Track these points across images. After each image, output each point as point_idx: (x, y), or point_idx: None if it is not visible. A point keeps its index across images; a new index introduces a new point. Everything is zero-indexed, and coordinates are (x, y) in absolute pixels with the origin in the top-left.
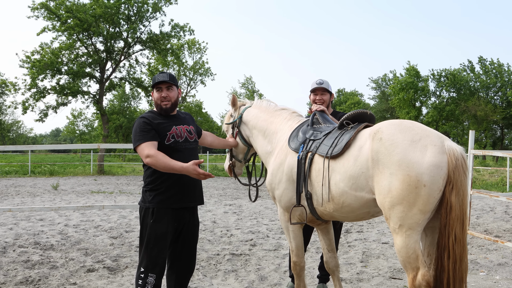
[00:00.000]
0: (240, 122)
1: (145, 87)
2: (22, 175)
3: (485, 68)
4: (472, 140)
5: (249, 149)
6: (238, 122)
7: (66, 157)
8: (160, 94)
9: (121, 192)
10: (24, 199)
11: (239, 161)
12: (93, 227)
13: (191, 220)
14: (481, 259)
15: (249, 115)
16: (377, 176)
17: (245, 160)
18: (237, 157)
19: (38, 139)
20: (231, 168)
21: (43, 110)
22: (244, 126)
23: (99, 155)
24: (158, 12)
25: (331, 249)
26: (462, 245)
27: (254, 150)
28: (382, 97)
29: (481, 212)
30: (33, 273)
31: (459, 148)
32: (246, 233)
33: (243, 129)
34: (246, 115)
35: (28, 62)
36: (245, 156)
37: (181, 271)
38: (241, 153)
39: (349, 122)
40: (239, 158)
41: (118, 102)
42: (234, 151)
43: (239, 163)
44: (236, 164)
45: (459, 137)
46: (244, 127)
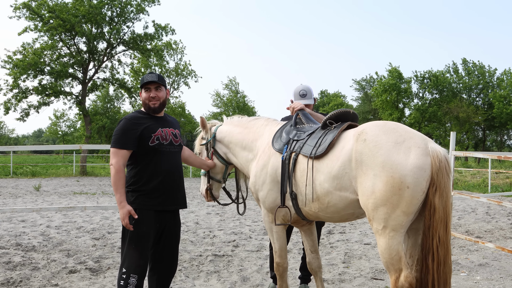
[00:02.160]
0: (215, 141)
1: (128, 88)
2: (4, 176)
3: (468, 70)
4: (453, 141)
5: (227, 167)
6: (212, 142)
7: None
8: (149, 94)
9: (103, 193)
10: (5, 200)
11: (217, 181)
12: (75, 228)
13: (173, 222)
14: (462, 260)
15: (223, 132)
16: (360, 177)
17: (223, 179)
18: (216, 178)
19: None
20: (208, 192)
21: (24, 110)
22: (219, 144)
23: (81, 156)
24: (141, 13)
25: (314, 250)
26: (445, 247)
27: (231, 169)
28: (365, 99)
29: (462, 213)
30: (15, 275)
31: (443, 151)
32: (228, 234)
33: (218, 148)
34: (220, 133)
35: (10, 63)
36: (224, 175)
37: (163, 272)
38: (219, 173)
39: (332, 122)
40: (217, 178)
41: (101, 103)
42: (212, 172)
43: (216, 185)
44: (214, 186)
45: (442, 138)
46: (220, 145)
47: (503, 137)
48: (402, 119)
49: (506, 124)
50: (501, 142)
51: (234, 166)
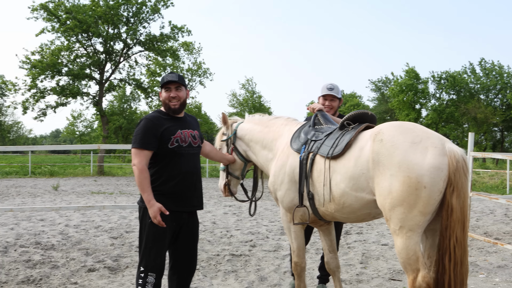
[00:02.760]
0: (235, 138)
1: (145, 89)
2: (23, 176)
3: (486, 70)
4: (471, 142)
5: (246, 164)
6: (233, 138)
7: (66, 158)
8: (169, 94)
9: (121, 192)
10: (24, 199)
11: (236, 177)
12: (94, 227)
13: (190, 220)
14: (481, 262)
15: (244, 130)
16: (377, 177)
17: (242, 176)
18: (234, 174)
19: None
20: (226, 187)
21: (42, 109)
22: (239, 142)
23: (99, 156)
24: (156, 14)
25: (332, 250)
26: (463, 247)
27: (250, 166)
28: (381, 99)
29: (481, 214)
30: (35, 273)
31: (460, 150)
32: (246, 234)
33: (238, 145)
34: (241, 130)
35: (28, 63)
36: (242, 172)
37: (183, 271)
38: (238, 170)
39: (350, 123)
40: (236, 175)
41: (118, 103)
42: (231, 168)
43: (235, 181)
44: (232, 182)
45: (459, 139)
46: (240, 142)
47: None
48: (419, 120)
49: None
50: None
51: (253, 164)
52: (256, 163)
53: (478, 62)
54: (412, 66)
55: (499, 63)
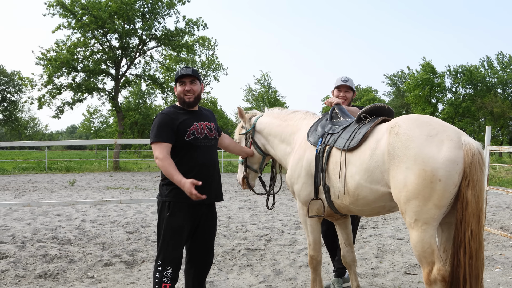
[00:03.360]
0: (254, 132)
1: (160, 84)
2: (39, 172)
3: (503, 63)
4: (488, 136)
5: (264, 158)
6: (252, 132)
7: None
8: (184, 88)
9: (136, 188)
10: (41, 195)
11: (254, 171)
12: (110, 222)
13: (209, 215)
14: (497, 256)
15: (263, 123)
16: (393, 170)
17: (260, 169)
18: (252, 167)
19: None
20: (244, 180)
21: (59, 107)
22: (258, 135)
23: (114, 152)
24: (172, 9)
25: (349, 244)
26: (478, 241)
27: (268, 160)
28: (397, 94)
29: (497, 209)
30: (52, 267)
31: (476, 144)
32: (261, 229)
33: (257, 138)
34: (259, 124)
35: (44, 60)
36: (261, 165)
37: (199, 265)
38: (256, 163)
39: (367, 116)
40: (254, 168)
41: (133, 98)
42: (249, 161)
43: (253, 174)
44: (250, 175)
45: (475, 134)
46: (259, 135)
47: None
48: (435, 114)
49: None
50: None
51: (271, 157)
52: (275, 157)
53: (495, 56)
54: (429, 60)
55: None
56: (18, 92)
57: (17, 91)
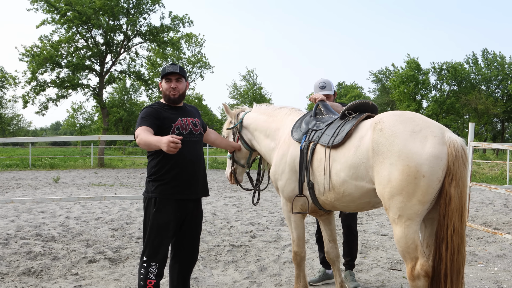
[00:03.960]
0: (241, 127)
1: (145, 80)
2: (23, 168)
3: (488, 61)
4: (471, 132)
5: (251, 153)
6: (239, 127)
7: (66, 151)
8: (170, 85)
9: (121, 184)
10: (25, 192)
11: (241, 166)
12: (94, 219)
13: (195, 211)
14: (480, 251)
15: (250, 119)
16: (377, 166)
17: (247, 165)
18: (239, 162)
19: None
20: (232, 175)
21: (43, 103)
22: (245, 130)
23: (99, 148)
24: (157, 5)
25: (333, 240)
26: (460, 236)
27: (255, 155)
28: (382, 90)
29: (480, 204)
30: (35, 264)
31: (460, 140)
32: (246, 225)
33: (244, 133)
34: (247, 119)
35: (27, 56)
36: (248, 160)
37: (184, 261)
38: (243, 158)
39: (351, 112)
40: (241, 163)
41: (118, 95)
42: (236, 156)
43: (240, 169)
44: (237, 170)
45: (460, 130)
46: (245, 131)
47: None
48: (419, 111)
49: None
50: None
51: (259, 153)
52: (260, 152)
53: (480, 53)
54: (414, 57)
55: (501, 54)
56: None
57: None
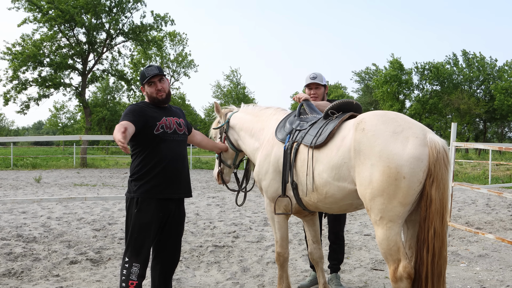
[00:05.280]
0: (228, 127)
1: (128, 80)
2: (4, 168)
3: (468, 61)
4: (454, 132)
5: (237, 154)
6: (225, 127)
7: (48, 150)
8: (155, 87)
9: (104, 185)
10: (6, 192)
11: (228, 166)
12: (76, 219)
13: (177, 212)
14: (462, 251)
15: (236, 119)
16: (358, 166)
17: (234, 165)
18: (226, 162)
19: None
20: (219, 175)
21: (24, 102)
22: (231, 131)
23: (82, 148)
24: (139, 3)
25: (316, 241)
26: (441, 239)
27: (242, 156)
28: (365, 90)
29: (462, 204)
30: (16, 265)
31: (441, 141)
32: (229, 225)
33: (231, 134)
34: (233, 119)
35: (9, 54)
36: (234, 161)
37: (166, 262)
38: (230, 158)
39: (334, 112)
40: (228, 163)
41: (101, 94)
42: (223, 156)
43: (227, 170)
44: (225, 170)
45: (442, 130)
46: (232, 131)
47: (504, 129)
48: (402, 111)
49: (507, 116)
50: (502, 134)
51: (245, 154)
52: (245, 152)
53: (461, 53)
54: (397, 57)
55: (481, 54)
56: None
57: None
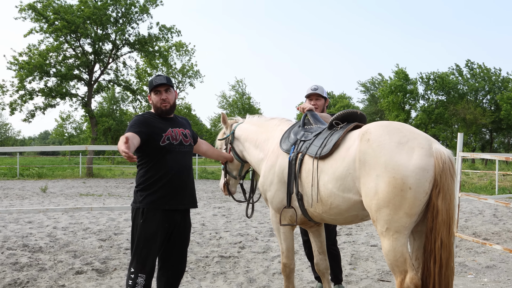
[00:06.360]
0: (233, 138)
1: (133, 90)
2: (11, 178)
3: (473, 71)
4: (460, 142)
5: (243, 165)
6: (231, 138)
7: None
8: (160, 97)
9: (110, 194)
10: (12, 201)
11: (233, 177)
12: (82, 229)
13: (182, 223)
14: (470, 262)
15: (241, 130)
16: (363, 177)
17: (239, 176)
18: (231, 173)
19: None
20: (225, 186)
21: (30, 111)
22: (237, 142)
23: (88, 158)
24: (145, 14)
25: (322, 252)
26: (448, 250)
27: (248, 167)
28: (371, 100)
29: (469, 215)
30: (22, 275)
31: (447, 152)
32: (235, 236)
33: (236, 145)
34: (238, 130)
35: (15, 64)
36: (240, 172)
37: (172, 273)
38: (235, 169)
39: (339, 122)
40: (233, 174)
41: (107, 104)
42: (228, 167)
43: (233, 181)
44: (230, 181)
45: (448, 140)
46: (237, 142)
47: (510, 139)
48: (408, 121)
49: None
50: (509, 144)
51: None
52: (250, 163)
53: (464, 64)
54: (402, 67)
55: (484, 64)
56: None
57: None
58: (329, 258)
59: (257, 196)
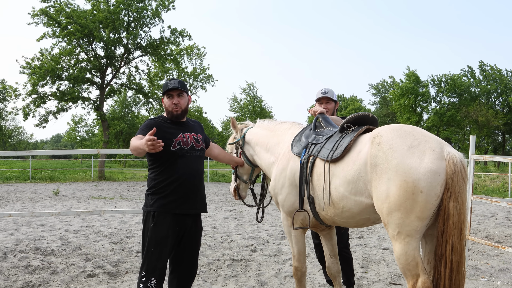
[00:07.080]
0: (244, 142)
1: (145, 93)
2: (23, 181)
3: (485, 73)
4: (473, 145)
5: (253, 169)
6: (241, 142)
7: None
8: (172, 101)
9: (121, 197)
10: (25, 204)
11: (244, 181)
12: (94, 232)
13: (193, 227)
14: (482, 265)
15: (252, 134)
16: (375, 181)
17: (250, 180)
18: (242, 178)
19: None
20: (236, 190)
21: (43, 116)
22: (247, 146)
23: (99, 161)
24: (157, 18)
25: (334, 255)
26: (459, 253)
27: (258, 171)
28: (382, 103)
29: (482, 217)
30: (34, 278)
31: (459, 155)
32: (246, 239)
33: (246, 149)
34: (249, 134)
35: (28, 68)
36: (250, 176)
37: (183, 276)
38: (246, 174)
39: (350, 125)
40: (244, 179)
41: (119, 108)
42: (239, 172)
43: (244, 185)
44: (241, 185)
45: (460, 142)
46: (248, 146)
47: None
48: (420, 123)
49: None
50: None
51: (261, 169)
52: (261, 167)
53: (477, 66)
54: (413, 70)
55: (496, 66)
56: (2, 100)
57: (1, 100)
58: (341, 261)
59: (268, 200)
